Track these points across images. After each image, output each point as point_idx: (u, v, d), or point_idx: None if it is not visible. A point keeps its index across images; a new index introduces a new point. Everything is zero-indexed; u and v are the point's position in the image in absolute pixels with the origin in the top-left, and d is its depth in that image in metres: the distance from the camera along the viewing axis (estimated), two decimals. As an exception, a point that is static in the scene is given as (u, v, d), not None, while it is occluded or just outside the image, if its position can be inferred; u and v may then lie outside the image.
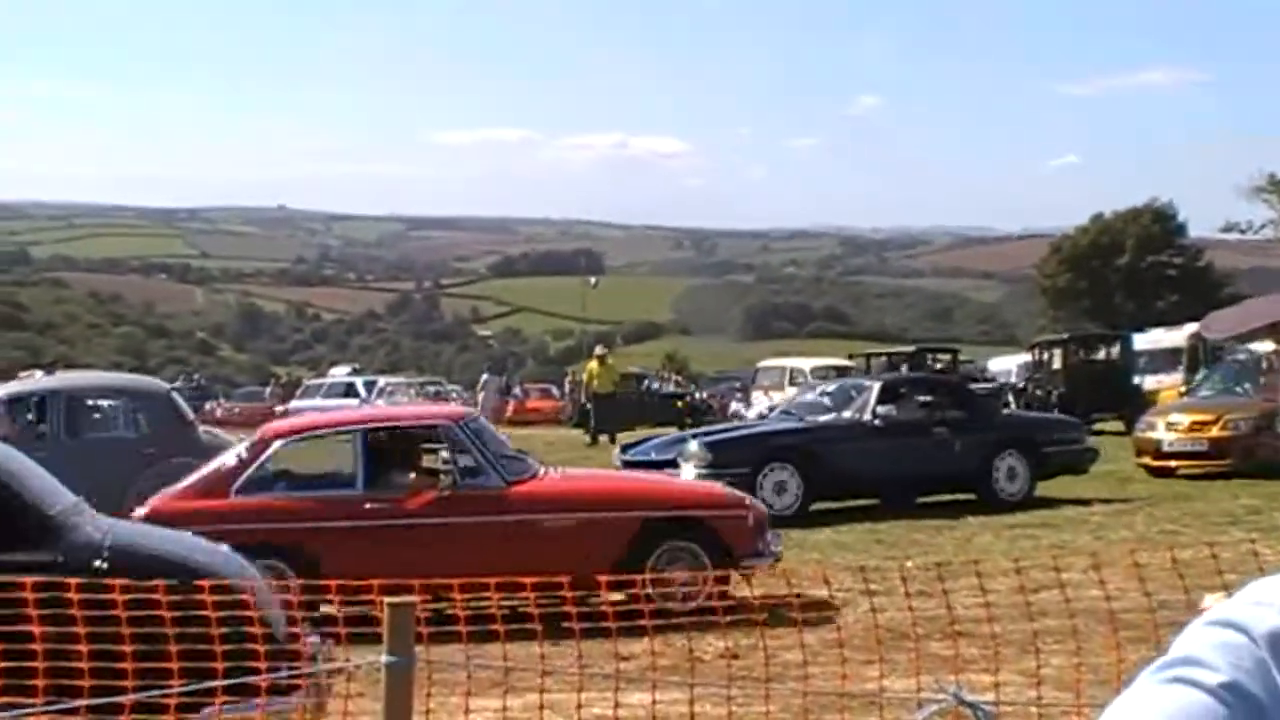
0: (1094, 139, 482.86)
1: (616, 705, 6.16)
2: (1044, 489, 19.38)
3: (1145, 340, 38.98)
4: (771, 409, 26.91)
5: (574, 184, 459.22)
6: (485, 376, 46.35)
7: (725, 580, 10.36)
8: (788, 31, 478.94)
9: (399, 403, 35.70)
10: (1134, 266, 72.03)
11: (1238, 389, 21.89)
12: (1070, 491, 18.82)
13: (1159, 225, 74.59)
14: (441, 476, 11.14)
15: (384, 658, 4.77)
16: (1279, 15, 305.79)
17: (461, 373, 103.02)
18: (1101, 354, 36.28)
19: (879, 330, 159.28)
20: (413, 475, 11.54)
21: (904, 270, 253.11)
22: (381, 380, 43.11)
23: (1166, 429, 20.74)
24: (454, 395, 49.44)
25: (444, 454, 11.25)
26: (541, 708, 6.22)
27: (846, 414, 17.85)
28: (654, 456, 17.07)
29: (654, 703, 6.28)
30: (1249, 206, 67.40)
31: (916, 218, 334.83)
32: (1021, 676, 7.26)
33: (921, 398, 18.75)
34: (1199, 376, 25.42)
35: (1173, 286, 69.83)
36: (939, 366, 38.44)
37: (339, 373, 54.44)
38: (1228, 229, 66.70)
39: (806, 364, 39.07)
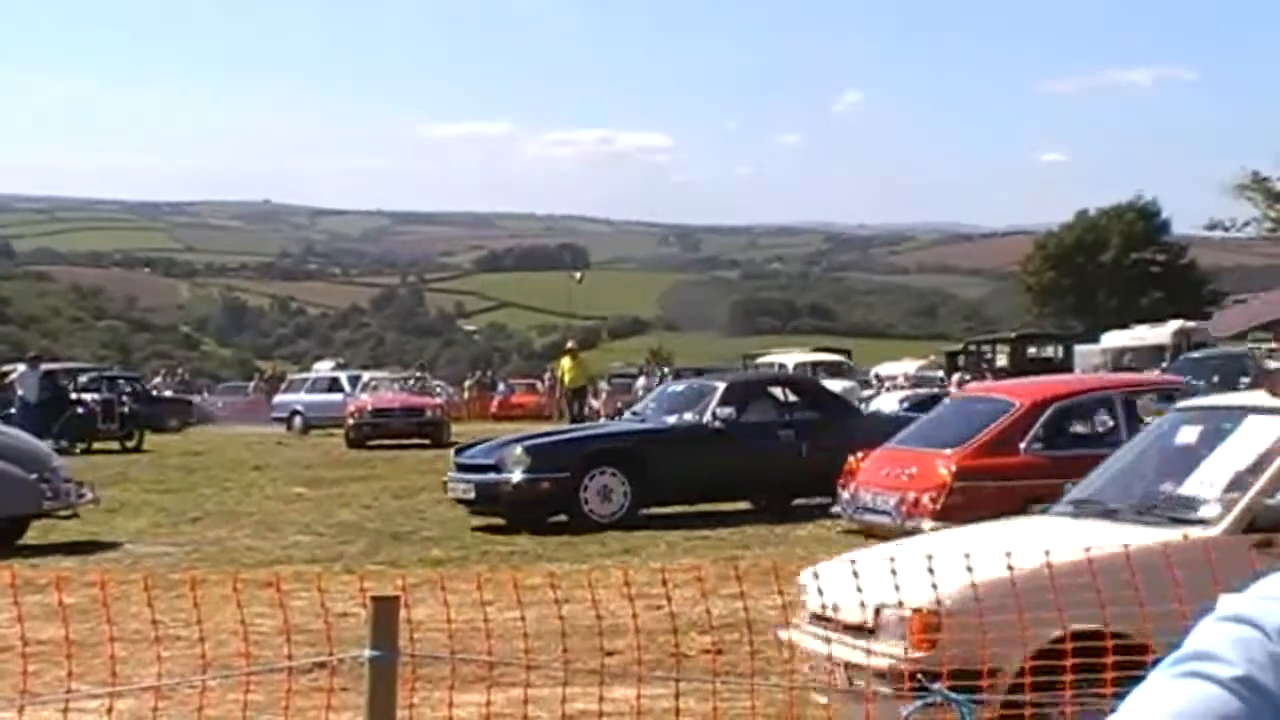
0: (1079, 136, 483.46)
1: (601, 699, 6.16)
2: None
3: (1129, 337, 39.34)
4: None
5: (559, 179, 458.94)
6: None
7: None
8: (772, 28, 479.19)
9: (383, 397, 35.62)
10: (1118, 264, 72.16)
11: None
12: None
13: (1143, 223, 74.75)
14: None
15: (367, 652, 4.75)
16: (1263, 14, 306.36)
17: (445, 367, 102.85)
18: (1046, 353, 37.63)
19: (864, 326, 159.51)
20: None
21: (889, 266, 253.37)
22: (366, 375, 43.01)
23: None
24: (438, 389, 49.41)
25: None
26: (526, 702, 6.21)
27: (688, 416, 17.08)
28: (480, 460, 16.44)
29: (639, 698, 6.28)
30: (1232, 204, 67.61)
31: (902, 214, 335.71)
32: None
33: (771, 399, 17.99)
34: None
35: (1156, 284, 69.98)
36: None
37: (323, 367, 54.34)
38: (1211, 227, 66.70)
39: (790, 359, 39.20)
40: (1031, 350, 38.54)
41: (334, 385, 41.50)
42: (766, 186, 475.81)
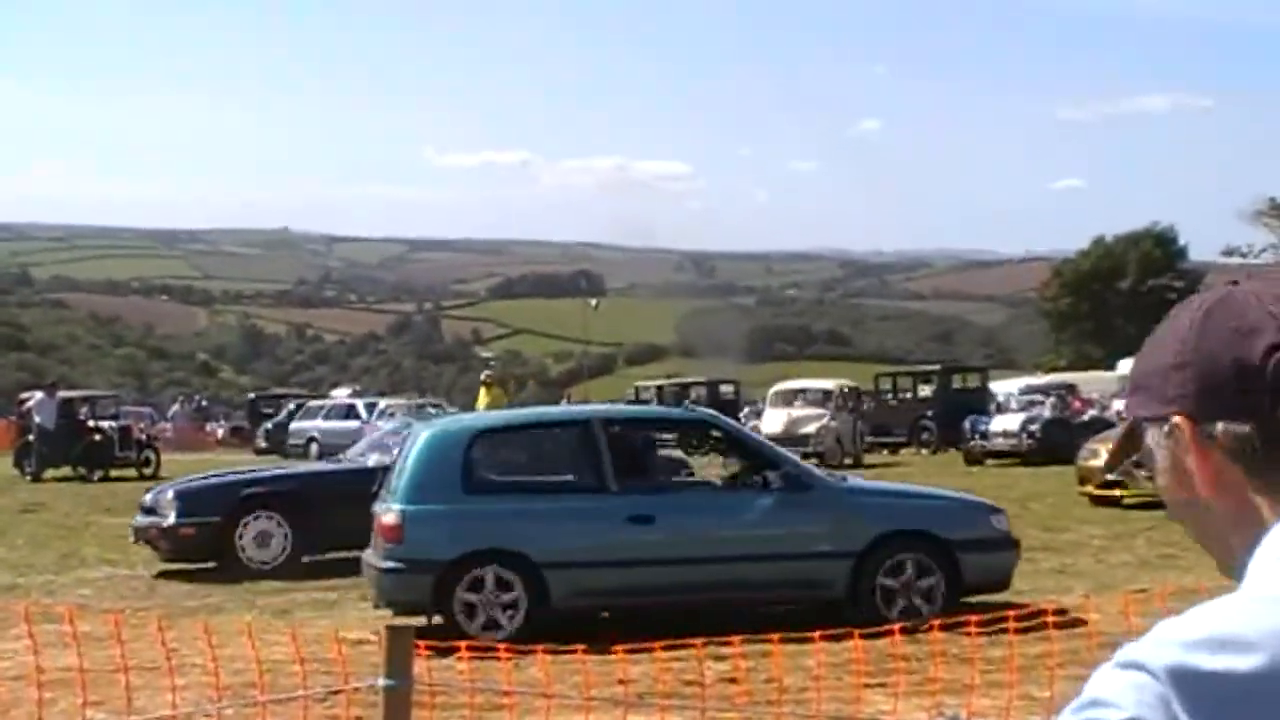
0: (1096, 163, 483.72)
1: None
2: (1042, 512, 19.35)
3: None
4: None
5: (575, 207, 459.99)
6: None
7: None
8: (788, 55, 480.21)
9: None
10: (1135, 290, 72.06)
11: None
12: (1070, 514, 18.81)
13: (1160, 249, 74.67)
14: None
15: (381, 680, 4.74)
16: (1278, 40, 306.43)
17: (463, 395, 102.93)
18: (969, 383, 40.20)
19: (880, 353, 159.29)
20: None
21: (905, 293, 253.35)
22: (382, 402, 43.06)
23: None
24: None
25: None
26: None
27: (380, 456, 15.96)
28: (147, 502, 15.77)
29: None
30: (1249, 230, 67.54)
31: (918, 240, 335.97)
32: (1023, 700, 7.23)
33: None
34: None
35: (1174, 310, 69.86)
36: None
37: (340, 394, 54.36)
38: (1229, 253, 66.72)
39: (786, 385, 39.27)
40: (966, 384, 40.38)
41: (350, 412, 41.50)
42: (783, 213, 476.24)
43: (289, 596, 13.18)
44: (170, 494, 15.57)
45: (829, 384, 38.72)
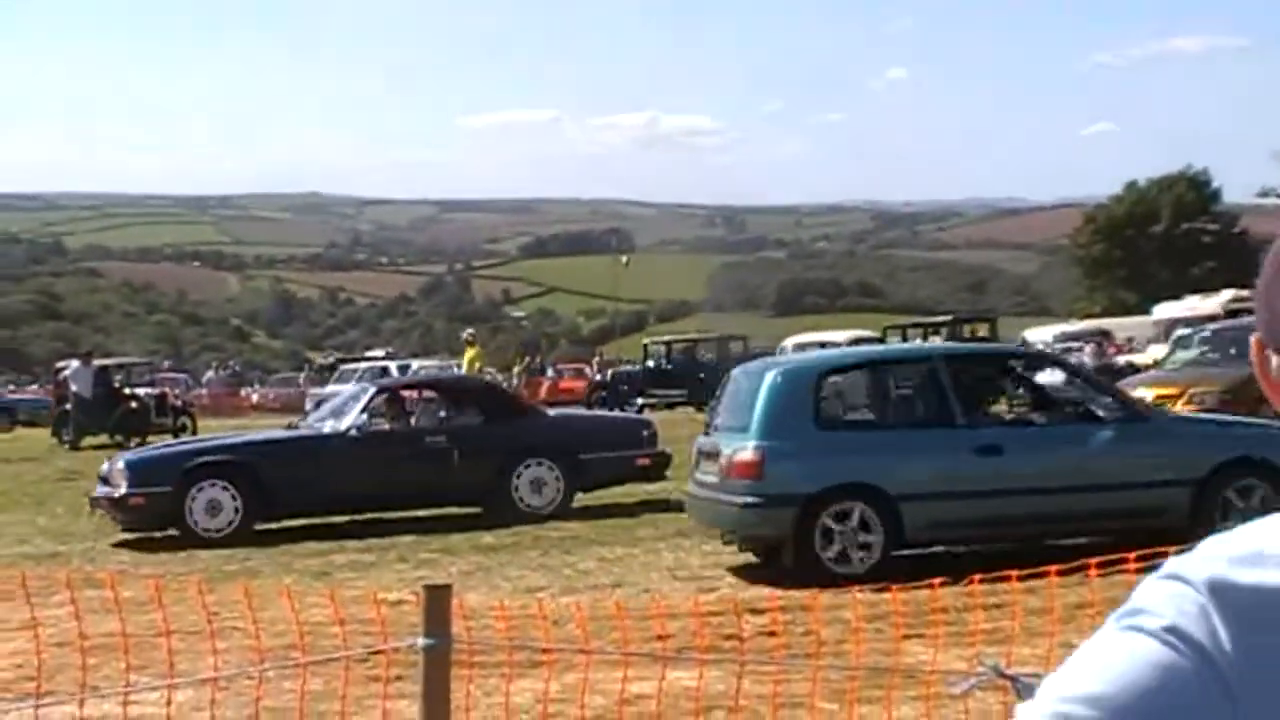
0: (1127, 106, 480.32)
1: (663, 678, 6.13)
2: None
3: (1182, 308, 39.08)
4: None
5: (604, 164, 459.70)
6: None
7: None
8: (814, 6, 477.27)
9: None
10: (1169, 235, 71.51)
11: (1207, 361, 20.93)
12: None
13: (1194, 192, 74.02)
14: None
15: (420, 640, 4.75)
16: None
17: (494, 355, 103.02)
18: (979, 333, 40.31)
19: (912, 304, 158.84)
20: None
21: (936, 243, 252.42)
22: (415, 363, 43.21)
23: None
24: (489, 374, 49.46)
25: None
26: (584, 689, 6.19)
27: (330, 423, 16.01)
28: (102, 472, 15.83)
29: (701, 679, 6.26)
30: (1284, 171, 66.96)
31: (948, 190, 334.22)
32: (1064, 649, 7.20)
33: (429, 405, 17.12)
34: (1168, 348, 24.51)
35: (1208, 254, 69.30)
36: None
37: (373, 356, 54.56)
38: (1263, 194, 66.08)
39: (808, 338, 39.25)
40: (978, 332, 40.36)
41: (384, 374, 41.64)
42: (811, 166, 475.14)
43: (327, 559, 13.24)
44: (121, 464, 15.55)
45: (843, 336, 38.59)
